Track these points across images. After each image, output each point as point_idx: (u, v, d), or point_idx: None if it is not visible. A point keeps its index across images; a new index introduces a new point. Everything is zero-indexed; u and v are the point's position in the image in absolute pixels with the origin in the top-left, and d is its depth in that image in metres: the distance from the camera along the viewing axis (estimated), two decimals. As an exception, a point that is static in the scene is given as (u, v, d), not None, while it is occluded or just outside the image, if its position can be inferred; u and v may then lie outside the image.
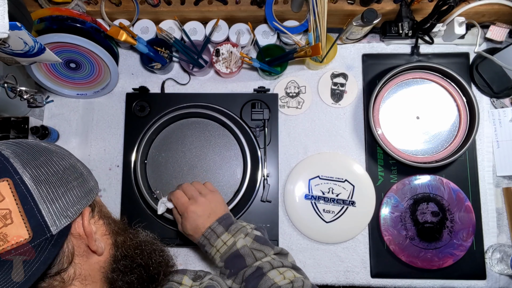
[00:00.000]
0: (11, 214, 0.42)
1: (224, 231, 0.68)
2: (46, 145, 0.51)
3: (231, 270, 0.66)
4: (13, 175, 0.43)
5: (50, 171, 0.46)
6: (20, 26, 0.57)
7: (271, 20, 0.90)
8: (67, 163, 0.50)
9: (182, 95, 0.94)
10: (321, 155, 0.93)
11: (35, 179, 0.44)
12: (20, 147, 0.47)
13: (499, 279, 0.89)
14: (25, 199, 0.43)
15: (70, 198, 0.47)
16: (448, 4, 0.80)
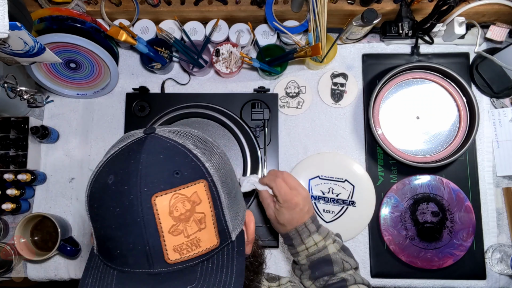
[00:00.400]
0: (205, 218, 0.40)
1: (316, 231, 0.67)
2: (207, 137, 0.47)
3: (316, 273, 0.65)
4: (206, 176, 0.41)
5: (225, 171, 0.44)
6: (20, 26, 0.57)
7: (271, 20, 0.90)
8: (230, 164, 0.48)
9: (182, 95, 0.94)
10: (321, 155, 0.93)
11: (222, 180, 0.42)
12: (194, 140, 0.44)
13: (499, 279, 0.89)
14: (216, 203, 0.41)
15: (240, 202, 0.46)
16: (448, 4, 0.80)
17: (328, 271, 0.64)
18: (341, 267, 0.65)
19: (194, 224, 0.39)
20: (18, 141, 0.91)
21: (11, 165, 0.90)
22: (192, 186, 0.39)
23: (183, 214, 0.39)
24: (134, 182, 0.39)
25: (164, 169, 0.40)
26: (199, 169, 0.41)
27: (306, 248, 0.66)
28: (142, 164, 0.39)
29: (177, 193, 0.39)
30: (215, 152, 0.45)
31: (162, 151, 0.41)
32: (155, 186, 0.38)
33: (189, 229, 0.39)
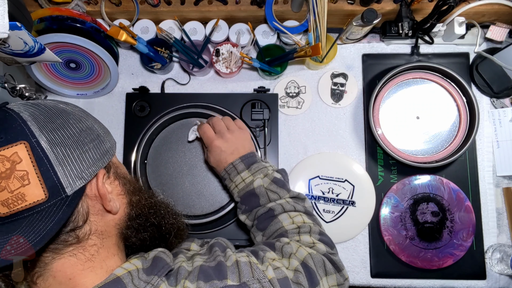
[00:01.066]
0: (28, 175, 0.44)
1: (245, 168, 0.71)
2: (64, 107, 0.52)
3: (246, 207, 0.70)
4: (30, 138, 0.45)
5: (66, 133, 0.48)
6: (20, 26, 0.57)
7: (271, 20, 0.90)
8: (84, 125, 0.51)
9: (182, 95, 0.94)
10: (321, 155, 0.93)
11: (51, 142, 0.46)
12: (38, 109, 0.48)
13: (499, 279, 0.89)
14: (41, 161, 0.44)
15: (86, 160, 0.49)
16: (448, 4, 0.80)
17: (255, 204, 0.69)
18: (267, 198, 0.68)
19: (16, 180, 0.44)
20: (18, 141, 0.91)
21: (11, 165, 0.90)
22: (13, 147, 0.44)
23: (4, 173, 0.44)
24: None
25: None
26: (22, 132, 0.45)
27: (236, 185, 0.71)
28: None
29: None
30: (65, 120, 0.49)
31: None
32: None
33: (11, 185, 0.44)
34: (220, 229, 0.87)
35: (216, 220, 0.86)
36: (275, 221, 0.65)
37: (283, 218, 0.65)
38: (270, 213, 0.66)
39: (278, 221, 0.65)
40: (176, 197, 0.88)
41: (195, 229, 0.87)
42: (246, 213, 0.70)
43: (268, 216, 0.66)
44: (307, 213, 0.68)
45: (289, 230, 0.63)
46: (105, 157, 0.52)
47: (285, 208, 0.67)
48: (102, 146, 0.52)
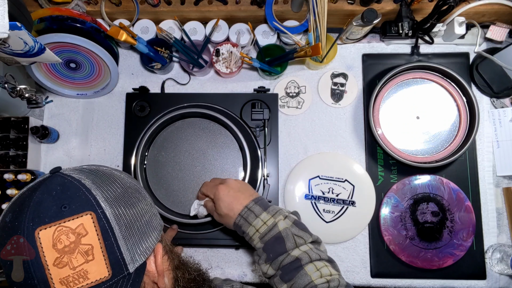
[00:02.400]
0: (93, 250, 0.41)
1: (262, 210, 0.65)
2: (118, 174, 0.50)
3: (270, 255, 0.63)
4: (96, 208, 0.42)
5: (128, 202, 0.45)
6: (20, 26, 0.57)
7: (271, 20, 0.90)
8: (140, 195, 0.49)
9: (182, 95, 0.94)
10: (321, 155, 0.93)
11: (115, 213, 0.43)
12: (98, 177, 0.46)
13: (499, 279, 0.89)
14: (107, 235, 0.42)
15: (146, 234, 0.46)
16: (448, 4, 0.80)
17: (281, 250, 0.62)
18: (293, 242, 0.62)
19: (80, 256, 0.40)
20: (18, 141, 0.91)
21: (11, 165, 0.90)
22: (78, 218, 0.41)
23: (67, 246, 0.40)
24: (23, 218, 0.41)
25: (53, 204, 0.42)
26: (88, 202, 0.42)
27: (257, 230, 0.64)
28: (34, 200, 0.42)
29: (61, 226, 0.40)
30: (117, 185, 0.46)
31: (57, 187, 0.43)
32: (40, 220, 0.41)
33: (74, 261, 0.40)
34: (220, 229, 0.87)
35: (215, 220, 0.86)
36: (302, 273, 0.60)
37: (310, 270, 0.60)
38: (297, 263, 0.61)
39: (305, 273, 0.60)
40: (175, 197, 0.88)
41: (195, 229, 0.87)
42: (268, 261, 0.63)
43: (295, 266, 0.61)
44: (330, 260, 0.65)
45: (318, 285, 0.58)
46: (159, 230, 0.49)
47: (311, 257, 0.62)
48: (156, 219, 0.50)
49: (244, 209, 0.66)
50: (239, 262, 0.91)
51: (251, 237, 0.65)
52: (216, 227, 0.87)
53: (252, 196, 0.68)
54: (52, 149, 0.96)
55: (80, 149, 0.96)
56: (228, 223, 0.69)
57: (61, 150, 0.96)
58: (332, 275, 0.60)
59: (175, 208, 0.88)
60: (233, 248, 0.91)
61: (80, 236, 0.40)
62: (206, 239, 0.87)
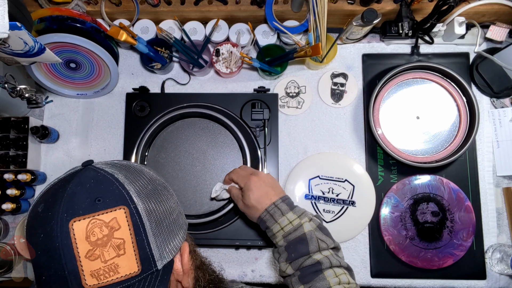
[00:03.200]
0: (124, 244, 0.41)
1: (289, 210, 0.66)
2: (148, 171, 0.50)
3: (292, 254, 0.63)
4: (129, 203, 0.42)
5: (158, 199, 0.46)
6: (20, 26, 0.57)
7: (271, 20, 0.90)
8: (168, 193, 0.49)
9: (182, 95, 0.94)
10: (321, 155, 0.93)
11: (147, 208, 0.43)
12: (129, 172, 0.46)
13: (499, 279, 0.89)
14: (138, 230, 0.42)
15: (174, 231, 0.46)
16: (448, 4, 0.80)
17: (304, 251, 0.62)
18: (317, 246, 0.63)
19: (112, 249, 0.40)
20: (18, 141, 0.91)
21: (11, 165, 0.90)
22: (112, 212, 0.41)
23: (100, 239, 0.40)
24: (57, 209, 0.41)
25: (87, 196, 0.42)
26: (121, 197, 0.42)
27: (281, 227, 0.65)
28: (67, 192, 0.42)
29: (95, 218, 0.40)
30: (148, 182, 0.47)
31: (90, 180, 0.43)
32: (75, 212, 0.40)
33: (106, 254, 0.40)
34: (221, 229, 0.87)
35: (216, 220, 0.86)
36: (321, 277, 0.60)
37: (329, 275, 0.60)
38: (317, 266, 0.61)
39: (324, 277, 0.60)
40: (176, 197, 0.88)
41: (195, 229, 0.87)
42: (290, 261, 0.63)
43: (315, 269, 0.61)
44: (348, 269, 0.64)
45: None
46: (185, 229, 0.49)
47: (332, 262, 0.62)
48: (182, 217, 0.50)
49: (272, 205, 0.66)
50: (239, 262, 0.91)
51: (275, 234, 0.66)
52: (217, 227, 0.87)
53: (281, 194, 0.69)
54: (52, 149, 0.96)
55: (80, 149, 0.96)
56: (252, 215, 0.69)
57: (61, 150, 0.96)
58: (350, 283, 0.60)
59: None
60: (233, 248, 0.91)
61: (113, 230, 0.40)
62: (206, 239, 0.87)
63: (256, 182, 0.69)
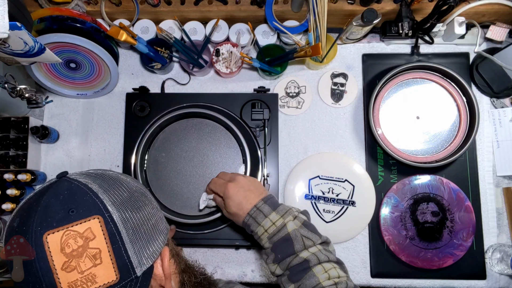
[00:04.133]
0: (100, 253, 0.41)
1: (272, 210, 0.65)
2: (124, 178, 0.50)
3: (278, 255, 0.63)
4: (103, 212, 0.42)
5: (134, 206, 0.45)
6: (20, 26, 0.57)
7: (271, 20, 0.90)
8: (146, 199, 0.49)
9: (182, 95, 0.94)
10: (321, 155, 0.93)
11: (123, 216, 0.43)
12: (104, 181, 0.46)
13: (499, 279, 0.89)
14: (114, 238, 0.42)
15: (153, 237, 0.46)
16: (448, 4, 0.80)
17: (290, 251, 0.62)
18: (302, 244, 0.62)
19: (88, 259, 0.40)
20: (18, 141, 0.91)
21: (11, 165, 0.90)
22: (86, 222, 0.41)
23: (75, 250, 0.40)
24: (31, 223, 0.41)
25: (61, 208, 0.42)
26: (95, 206, 0.42)
27: (265, 230, 0.64)
28: (41, 205, 0.42)
29: (69, 230, 0.40)
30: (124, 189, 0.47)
31: (64, 192, 0.43)
32: (48, 225, 0.41)
33: (82, 265, 0.40)
34: (221, 229, 0.87)
35: (215, 220, 0.86)
36: (310, 274, 0.60)
37: (318, 271, 0.60)
38: (305, 264, 0.61)
39: (313, 274, 0.60)
40: (175, 197, 0.88)
41: (195, 229, 0.87)
42: (277, 262, 0.63)
43: (303, 267, 0.61)
44: (338, 262, 0.64)
45: (326, 287, 0.58)
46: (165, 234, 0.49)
47: (320, 258, 0.62)
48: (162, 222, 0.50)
49: (253, 208, 0.66)
50: (239, 262, 0.91)
51: (260, 236, 0.65)
52: (217, 227, 0.87)
53: (262, 195, 0.68)
54: (52, 149, 0.96)
55: (80, 149, 0.96)
56: (237, 221, 0.69)
57: (61, 150, 0.96)
58: (340, 277, 0.60)
59: (175, 208, 0.88)
60: (233, 248, 0.91)
61: (88, 240, 0.41)
62: (206, 239, 0.87)
63: (233, 189, 0.68)
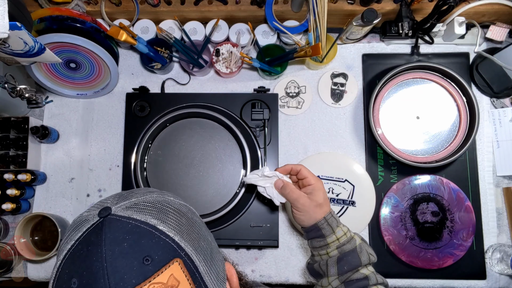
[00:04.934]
0: None
1: (340, 221, 0.64)
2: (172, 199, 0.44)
3: (344, 267, 0.61)
4: (179, 251, 0.37)
5: (195, 232, 0.41)
6: (20, 26, 0.57)
7: (271, 20, 0.90)
8: (193, 214, 0.44)
9: (182, 95, 0.94)
10: (321, 155, 0.93)
11: (194, 248, 0.38)
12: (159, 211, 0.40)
13: (499, 279, 0.89)
14: (195, 277, 0.37)
15: (215, 257, 0.42)
16: (448, 4, 0.80)
17: (356, 263, 0.61)
18: (367, 258, 0.62)
19: None
20: (18, 141, 0.91)
21: (11, 165, 0.90)
22: (167, 269, 0.35)
23: None
24: (102, 284, 0.34)
25: (132, 259, 0.35)
26: (169, 247, 0.37)
27: (337, 238, 0.62)
28: (106, 260, 0.35)
29: (152, 284, 0.34)
30: (180, 215, 0.41)
31: (125, 237, 0.36)
32: (126, 284, 0.34)
33: None
34: (221, 229, 0.87)
35: (216, 220, 0.86)
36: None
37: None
38: (364, 282, 0.60)
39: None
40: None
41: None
42: (341, 274, 0.61)
43: (361, 285, 0.60)
44: (386, 286, 0.63)
45: None
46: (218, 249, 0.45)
47: (378, 280, 0.61)
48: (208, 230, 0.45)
49: (329, 214, 0.64)
50: (239, 262, 0.91)
51: (328, 244, 0.63)
52: (217, 227, 0.87)
53: (329, 204, 0.66)
54: (52, 149, 0.96)
55: (80, 149, 0.96)
56: (310, 216, 0.64)
57: (61, 150, 0.96)
58: None
59: None
60: (233, 248, 0.91)
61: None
62: (206, 239, 0.87)
63: (322, 188, 0.65)
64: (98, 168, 0.95)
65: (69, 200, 0.94)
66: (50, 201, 0.94)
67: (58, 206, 0.94)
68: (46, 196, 0.94)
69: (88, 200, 0.94)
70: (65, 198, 0.94)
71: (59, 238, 0.84)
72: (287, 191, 0.65)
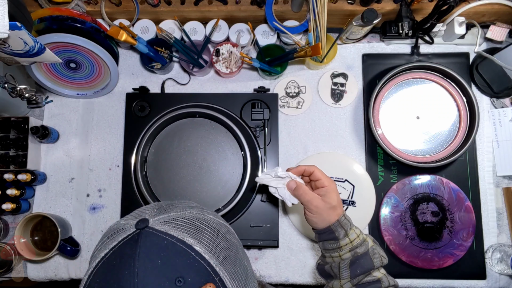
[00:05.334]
0: None
1: (352, 224, 0.63)
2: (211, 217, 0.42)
3: (357, 270, 0.60)
4: (213, 276, 0.35)
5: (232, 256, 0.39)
6: (20, 26, 0.57)
7: (271, 20, 0.90)
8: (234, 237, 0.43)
9: (182, 95, 0.94)
10: (321, 155, 0.93)
11: (230, 274, 0.37)
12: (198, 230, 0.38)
13: (499, 279, 0.89)
14: None
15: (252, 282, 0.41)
16: (448, 4, 0.80)
17: (369, 266, 0.60)
18: (380, 261, 0.61)
19: None
20: (18, 141, 0.91)
21: (11, 165, 0.90)
22: None
23: None
24: None
25: (164, 278, 0.34)
26: (204, 270, 0.35)
27: (351, 241, 0.60)
28: (138, 275, 0.33)
29: None
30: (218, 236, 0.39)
31: (159, 253, 0.35)
32: None
33: None
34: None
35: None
36: None
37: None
38: (377, 284, 0.59)
39: None
40: (176, 197, 0.88)
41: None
42: (354, 277, 0.60)
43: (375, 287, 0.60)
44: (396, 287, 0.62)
45: None
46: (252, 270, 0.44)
47: (390, 283, 0.60)
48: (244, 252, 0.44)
49: (342, 216, 0.62)
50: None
51: (341, 246, 0.61)
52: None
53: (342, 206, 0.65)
54: (52, 149, 0.96)
55: (80, 149, 0.96)
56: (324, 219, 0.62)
57: (61, 150, 0.96)
58: None
59: None
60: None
61: None
62: (206, 239, 0.87)
63: (335, 189, 0.63)
64: (98, 168, 0.95)
65: (69, 200, 0.94)
66: (50, 201, 0.94)
67: (58, 206, 0.94)
68: (46, 196, 0.94)
69: (88, 200, 0.94)
70: (65, 198, 0.94)
71: (59, 238, 0.84)
72: (300, 192, 0.64)
